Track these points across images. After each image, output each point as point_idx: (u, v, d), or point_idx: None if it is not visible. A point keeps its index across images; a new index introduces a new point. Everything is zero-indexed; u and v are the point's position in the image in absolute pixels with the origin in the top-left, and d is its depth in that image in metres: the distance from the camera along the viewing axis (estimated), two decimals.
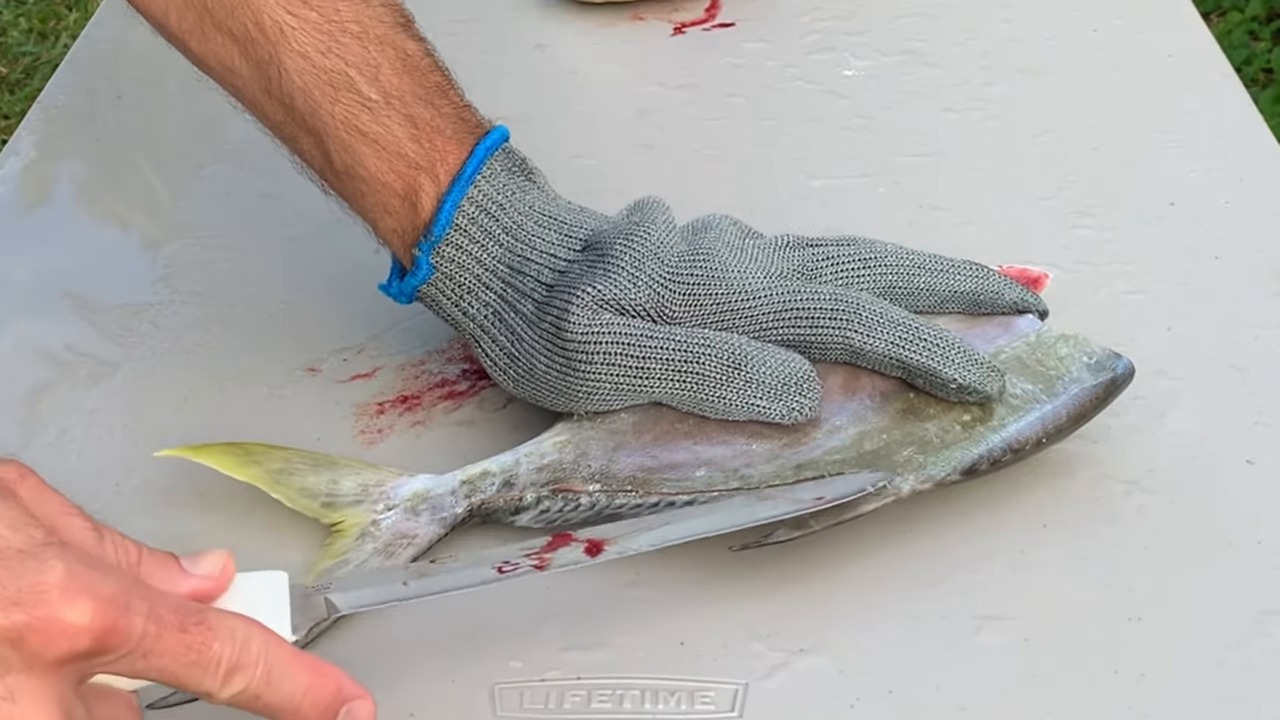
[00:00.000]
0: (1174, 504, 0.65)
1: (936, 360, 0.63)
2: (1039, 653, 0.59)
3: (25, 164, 0.90)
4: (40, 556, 0.46)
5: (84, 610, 0.45)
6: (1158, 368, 0.70)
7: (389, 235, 0.66)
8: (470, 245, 0.64)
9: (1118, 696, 0.57)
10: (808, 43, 0.96)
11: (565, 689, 0.58)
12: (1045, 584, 0.62)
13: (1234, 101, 0.89)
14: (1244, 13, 2.37)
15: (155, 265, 0.81)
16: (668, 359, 0.63)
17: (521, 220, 0.65)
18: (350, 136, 0.64)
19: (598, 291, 0.63)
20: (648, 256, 0.64)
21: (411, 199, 0.65)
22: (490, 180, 0.65)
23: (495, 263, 0.65)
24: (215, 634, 0.48)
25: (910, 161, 0.85)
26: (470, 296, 0.65)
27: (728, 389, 0.63)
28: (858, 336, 0.64)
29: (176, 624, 0.48)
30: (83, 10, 2.51)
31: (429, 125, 0.65)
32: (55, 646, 0.45)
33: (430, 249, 0.64)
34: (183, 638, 0.48)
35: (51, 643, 0.45)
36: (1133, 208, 0.81)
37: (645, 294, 0.64)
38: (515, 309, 0.65)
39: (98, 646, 0.46)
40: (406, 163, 0.64)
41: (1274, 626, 0.59)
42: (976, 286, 0.67)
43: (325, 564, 0.62)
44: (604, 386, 0.63)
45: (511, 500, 0.63)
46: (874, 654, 0.59)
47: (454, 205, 0.64)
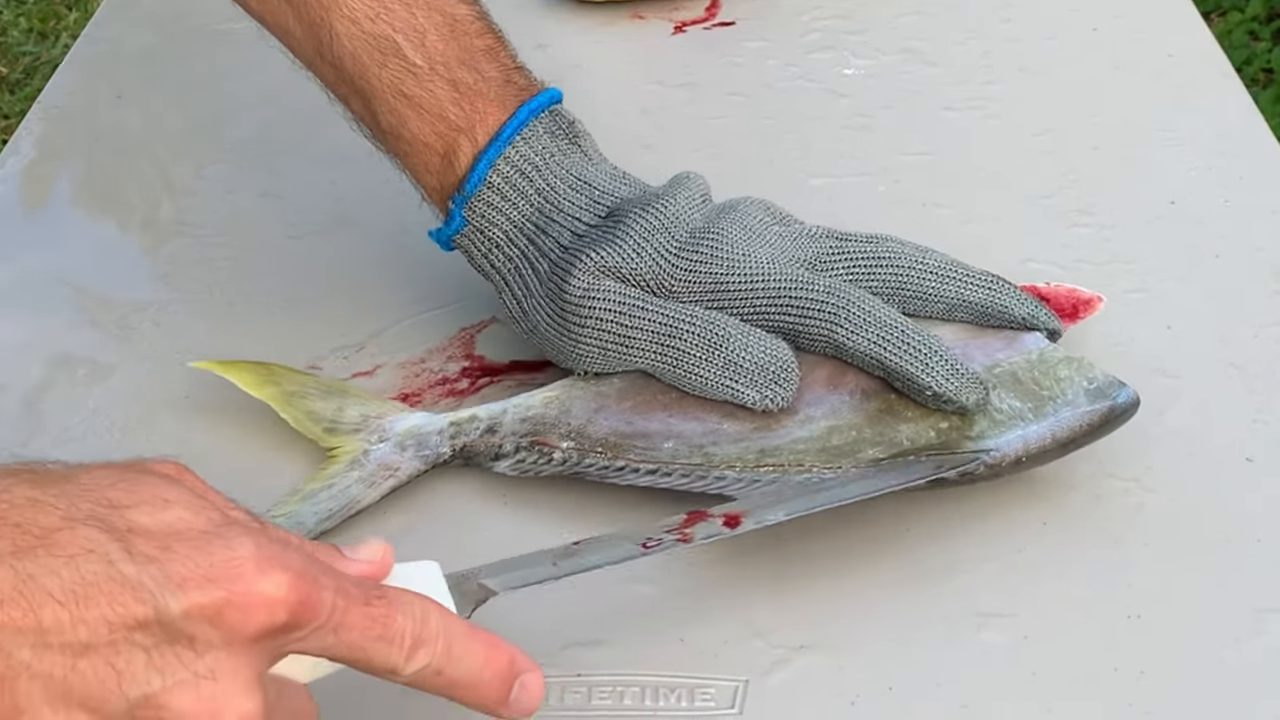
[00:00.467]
0: (1173, 502, 0.65)
1: (915, 365, 0.63)
2: (1039, 650, 0.59)
3: (25, 164, 0.90)
4: (225, 535, 0.46)
5: (279, 582, 0.45)
6: (1157, 366, 0.70)
7: (431, 192, 0.69)
8: (501, 203, 0.67)
9: (1117, 694, 0.57)
10: (808, 41, 0.96)
11: (565, 685, 0.58)
12: (1045, 581, 0.62)
13: (1234, 101, 0.89)
14: (1244, 13, 2.37)
15: (155, 264, 0.81)
16: (653, 330, 0.65)
17: (555, 183, 0.67)
18: (396, 100, 0.67)
19: (601, 257, 0.65)
20: (658, 230, 0.66)
21: (450, 158, 0.68)
22: (529, 142, 0.67)
23: (524, 220, 0.67)
24: (397, 608, 0.48)
25: (910, 160, 0.85)
26: (497, 251, 0.67)
27: (706, 367, 0.64)
28: (841, 332, 0.64)
29: (361, 598, 0.48)
30: (83, 10, 2.51)
31: (471, 89, 0.67)
32: (254, 621, 0.45)
33: (463, 203, 0.67)
34: (368, 611, 0.48)
35: (250, 617, 0.45)
36: (1133, 207, 0.81)
37: (648, 265, 0.65)
38: (533, 266, 0.67)
39: (293, 620, 0.46)
40: (448, 125, 0.67)
41: (1273, 624, 0.59)
42: (986, 298, 0.67)
43: (311, 486, 0.65)
44: (592, 348, 0.66)
45: (492, 446, 0.66)
46: (874, 651, 0.59)
47: (489, 164, 0.67)
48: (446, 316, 0.75)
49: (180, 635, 0.44)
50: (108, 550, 0.44)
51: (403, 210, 0.84)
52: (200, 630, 0.44)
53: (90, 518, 0.45)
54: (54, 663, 0.43)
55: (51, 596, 0.43)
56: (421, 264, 0.79)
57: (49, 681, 0.43)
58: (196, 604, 0.44)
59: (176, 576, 0.44)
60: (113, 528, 0.45)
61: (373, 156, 0.88)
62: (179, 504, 0.46)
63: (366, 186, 0.85)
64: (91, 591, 0.43)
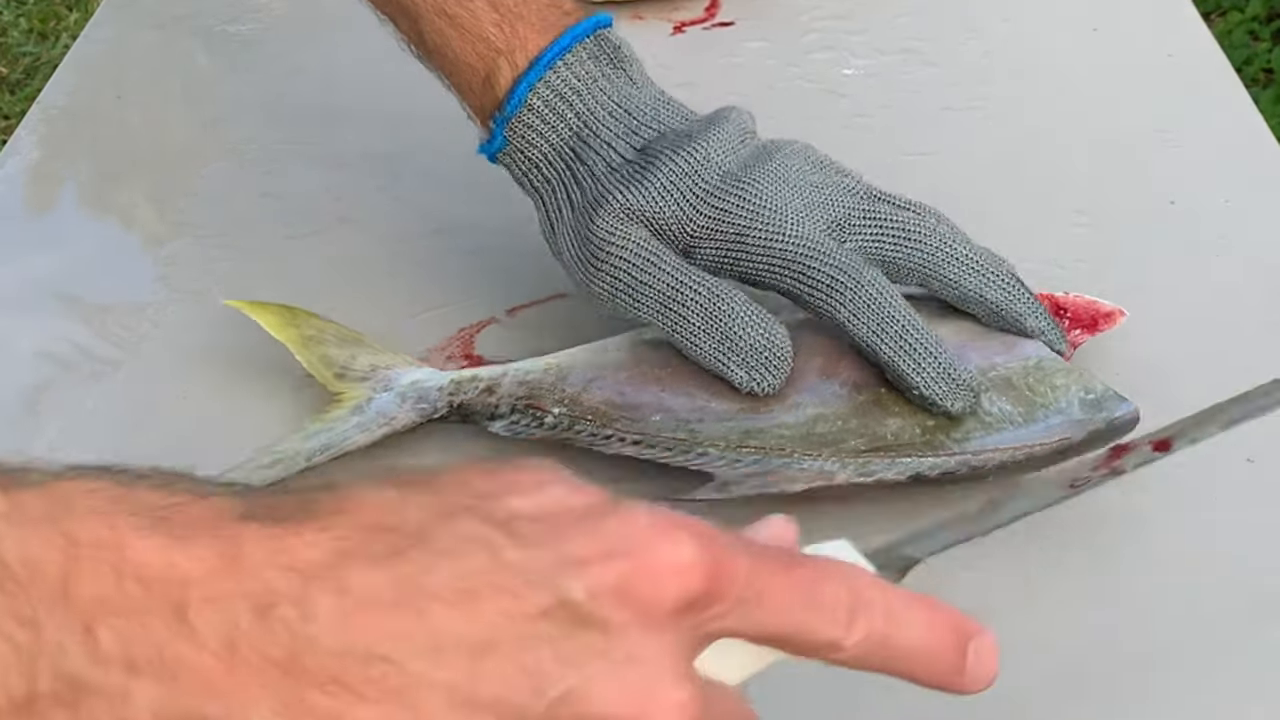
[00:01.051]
0: (1173, 502, 0.65)
1: (908, 363, 0.63)
2: (1038, 651, 0.59)
3: (25, 164, 0.90)
4: (615, 508, 0.41)
5: (687, 545, 0.39)
6: (1156, 366, 0.70)
7: (474, 111, 0.71)
8: (541, 125, 0.68)
9: (1116, 695, 0.57)
10: (807, 41, 0.96)
11: None
12: (1043, 583, 0.62)
13: (1234, 101, 0.89)
14: (1244, 13, 2.37)
15: (155, 265, 0.81)
16: (661, 288, 0.65)
17: (595, 108, 0.68)
18: (439, 19, 0.69)
19: (627, 200, 0.66)
20: (688, 174, 0.66)
21: (491, 80, 0.69)
22: (571, 67, 0.68)
23: (562, 144, 0.68)
24: (823, 574, 0.42)
25: (910, 160, 0.85)
26: (536, 171, 0.69)
27: (703, 337, 0.65)
28: (844, 312, 0.65)
29: (781, 563, 0.42)
30: (83, 10, 2.51)
31: (512, 12, 0.69)
32: (668, 591, 0.39)
33: (504, 123, 0.68)
34: (791, 575, 0.42)
35: (663, 587, 0.39)
36: (1132, 207, 0.81)
37: (673, 210, 0.66)
38: (568, 192, 0.68)
39: (710, 588, 0.40)
40: (488, 46, 0.68)
41: (1272, 625, 0.59)
42: (1002, 299, 0.67)
43: (313, 426, 0.68)
44: (603, 290, 0.66)
45: (489, 406, 0.67)
46: None
47: (529, 87, 0.68)
48: (445, 317, 0.75)
49: (589, 620, 0.39)
50: (491, 539, 0.39)
51: (402, 211, 0.84)
52: (611, 612, 0.39)
53: (465, 510, 0.40)
54: (455, 669, 0.38)
55: (438, 597, 0.38)
56: (421, 265, 0.79)
57: (453, 690, 0.38)
58: (600, 582, 0.39)
59: (572, 556, 0.39)
60: (491, 516, 0.40)
61: (371, 158, 0.88)
62: (556, 484, 0.41)
63: (366, 187, 0.85)
64: (481, 586, 0.38)
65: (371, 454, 0.67)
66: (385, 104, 0.91)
